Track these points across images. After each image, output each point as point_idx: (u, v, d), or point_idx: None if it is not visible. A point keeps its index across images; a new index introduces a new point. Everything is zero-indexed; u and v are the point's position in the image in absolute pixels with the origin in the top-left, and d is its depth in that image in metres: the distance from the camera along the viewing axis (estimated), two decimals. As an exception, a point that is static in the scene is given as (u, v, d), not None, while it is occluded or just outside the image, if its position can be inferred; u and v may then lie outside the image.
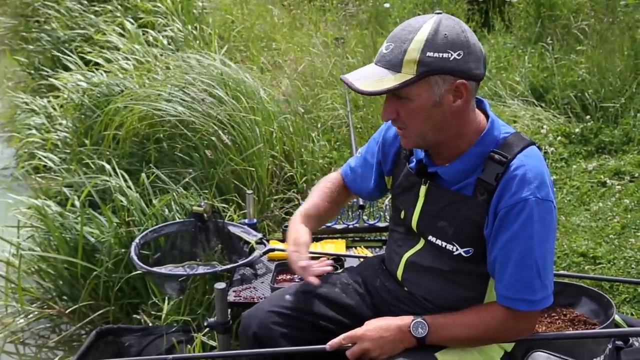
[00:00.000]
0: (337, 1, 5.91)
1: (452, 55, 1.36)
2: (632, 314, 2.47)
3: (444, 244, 1.52)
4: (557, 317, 2.04)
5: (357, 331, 1.50)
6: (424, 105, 1.40)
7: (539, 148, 1.52)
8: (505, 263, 1.42)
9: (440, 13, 1.41)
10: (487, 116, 1.52)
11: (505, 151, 1.44)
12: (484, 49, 1.44)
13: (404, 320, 1.49)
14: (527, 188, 1.39)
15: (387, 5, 5.63)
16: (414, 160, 1.59)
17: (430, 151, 1.55)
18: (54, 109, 4.24)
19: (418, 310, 1.57)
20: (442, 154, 1.52)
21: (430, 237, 1.55)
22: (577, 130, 3.88)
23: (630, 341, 1.96)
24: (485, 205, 1.44)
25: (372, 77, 1.40)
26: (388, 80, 1.37)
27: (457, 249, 1.50)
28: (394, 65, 1.38)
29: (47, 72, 4.92)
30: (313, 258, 2.21)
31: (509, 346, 1.57)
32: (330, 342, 1.50)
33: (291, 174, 3.41)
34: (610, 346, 1.84)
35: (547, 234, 1.41)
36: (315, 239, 2.43)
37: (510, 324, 1.46)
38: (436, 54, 1.35)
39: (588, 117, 3.98)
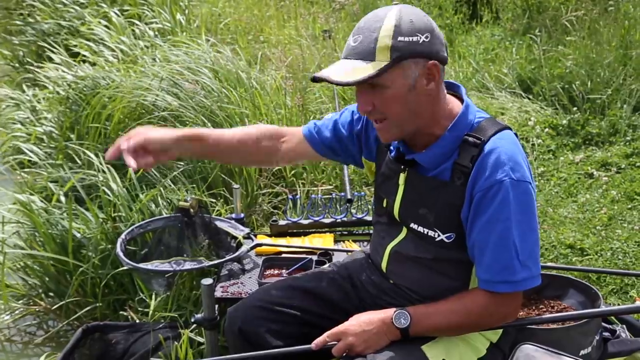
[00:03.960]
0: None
1: (420, 38, 1.38)
2: (618, 305, 2.49)
3: (426, 230, 1.52)
4: (544, 309, 2.05)
5: (340, 327, 1.50)
6: (399, 91, 1.41)
7: (516, 134, 1.53)
8: (484, 246, 1.43)
9: (397, 4, 1.43)
10: (462, 101, 1.53)
11: (479, 134, 1.45)
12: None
13: (387, 312, 1.49)
14: (501, 170, 1.40)
15: (375, -3, 5.61)
16: (393, 148, 1.60)
17: (407, 140, 1.55)
18: (39, 102, 4.19)
19: (403, 303, 1.57)
20: (419, 142, 1.52)
21: (412, 225, 1.55)
22: (564, 122, 3.89)
23: (617, 332, 1.97)
24: (462, 189, 1.45)
25: (347, 70, 1.39)
26: (364, 69, 1.37)
27: (438, 235, 1.50)
28: (367, 54, 1.38)
29: (32, 65, 4.86)
30: (301, 253, 2.24)
31: (495, 337, 1.58)
32: (315, 341, 1.49)
33: (279, 168, 3.40)
34: (597, 338, 1.85)
35: (524, 214, 1.41)
36: (304, 233, 2.43)
37: (492, 308, 1.45)
38: (407, 38, 1.37)
39: (575, 108, 3.99)
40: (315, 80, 1.43)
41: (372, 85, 1.41)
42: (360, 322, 1.49)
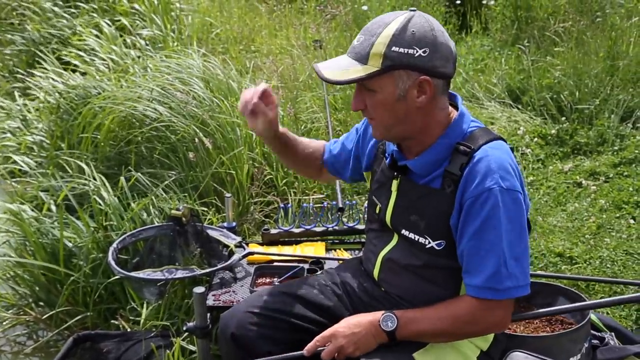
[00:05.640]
0: (316, 3, 5.92)
1: (417, 51, 1.39)
2: (607, 313, 2.51)
3: (417, 237, 1.53)
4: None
5: (330, 330, 1.51)
6: (388, 98, 1.44)
7: (512, 148, 1.55)
8: (473, 253, 1.44)
9: (415, 11, 1.44)
10: (457, 110, 1.55)
11: (470, 143, 1.47)
12: (455, 49, 1.47)
13: (375, 315, 1.50)
14: (490, 178, 1.41)
15: (365, 7, 5.65)
16: (388, 155, 1.62)
17: (402, 145, 1.58)
18: (30, 111, 4.18)
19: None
20: (412, 148, 1.55)
21: (403, 231, 1.56)
22: (553, 131, 3.93)
23: (606, 340, 1.99)
24: (452, 197, 1.46)
25: (340, 67, 1.44)
26: (354, 71, 1.42)
27: (429, 242, 1.52)
28: (362, 57, 1.42)
29: (23, 74, 4.84)
30: (292, 261, 2.25)
31: (485, 345, 1.59)
32: (306, 347, 1.51)
33: (271, 176, 3.40)
34: (586, 345, 1.87)
35: (513, 223, 1.42)
36: (295, 242, 2.44)
37: (478, 315, 1.46)
38: (401, 49, 1.39)
39: (564, 118, 4.03)
40: (315, 68, 1.48)
41: (365, 86, 1.45)
42: (350, 324, 1.50)
